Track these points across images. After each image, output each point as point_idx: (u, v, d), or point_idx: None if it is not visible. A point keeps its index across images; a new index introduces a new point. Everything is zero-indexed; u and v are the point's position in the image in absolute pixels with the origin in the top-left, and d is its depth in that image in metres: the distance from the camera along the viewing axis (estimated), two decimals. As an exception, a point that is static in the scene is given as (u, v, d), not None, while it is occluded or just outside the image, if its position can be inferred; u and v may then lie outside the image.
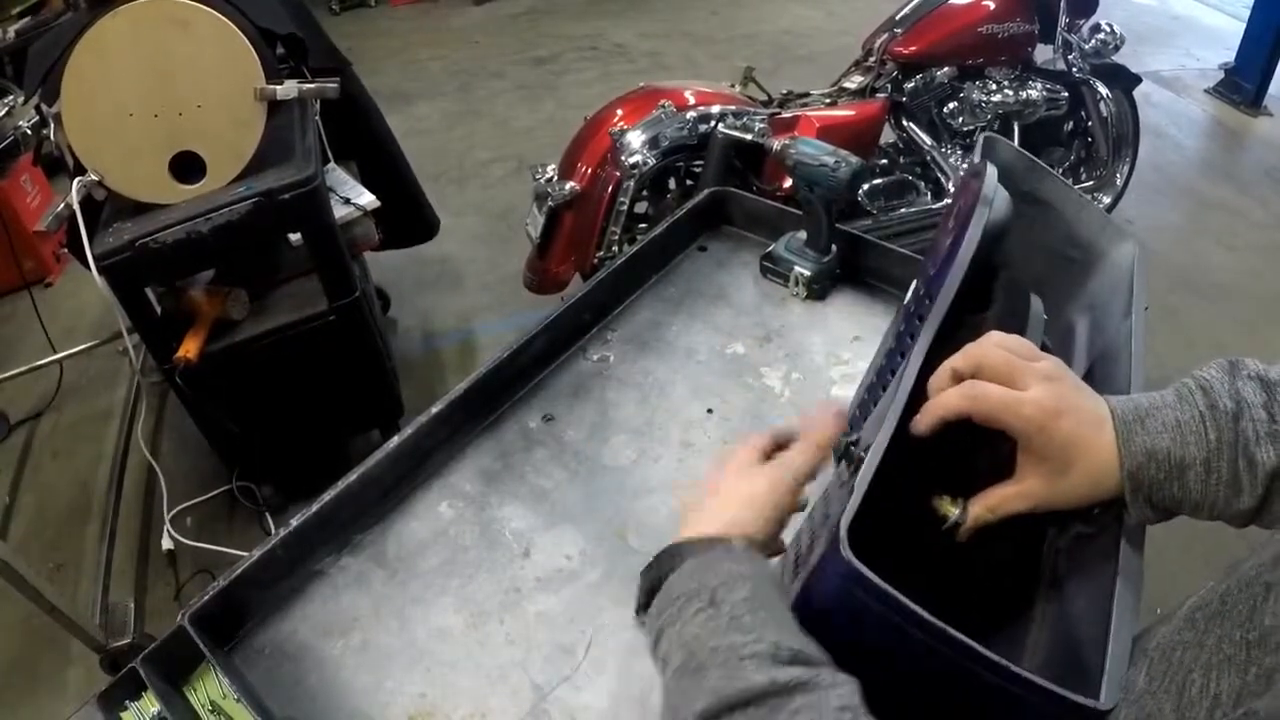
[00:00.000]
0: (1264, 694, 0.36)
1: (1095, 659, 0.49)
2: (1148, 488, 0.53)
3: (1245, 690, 0.37)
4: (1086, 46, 2.66)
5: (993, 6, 2.50)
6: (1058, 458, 0.55)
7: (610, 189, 2.14)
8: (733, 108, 2.23)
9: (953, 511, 0.58)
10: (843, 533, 0.47)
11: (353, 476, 0.88)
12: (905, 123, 2.56)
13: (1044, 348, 0.65)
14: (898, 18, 2.54)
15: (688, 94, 2.24)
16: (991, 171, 0.66)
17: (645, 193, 2.25)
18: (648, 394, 1.05)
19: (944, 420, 0.56)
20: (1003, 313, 0.65)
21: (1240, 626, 0.39)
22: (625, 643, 0.79)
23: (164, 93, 1.52)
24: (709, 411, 1.03)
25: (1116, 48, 2.67)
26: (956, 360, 0.58)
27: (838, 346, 1.12)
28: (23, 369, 2.36)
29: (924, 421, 0.57)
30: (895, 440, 0.54)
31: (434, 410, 0.95)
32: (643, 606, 0.57)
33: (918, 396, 0.58)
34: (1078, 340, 0.82)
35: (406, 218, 2.34)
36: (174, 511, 2.08)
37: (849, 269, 1.21)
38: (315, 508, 0.85)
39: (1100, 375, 0.74)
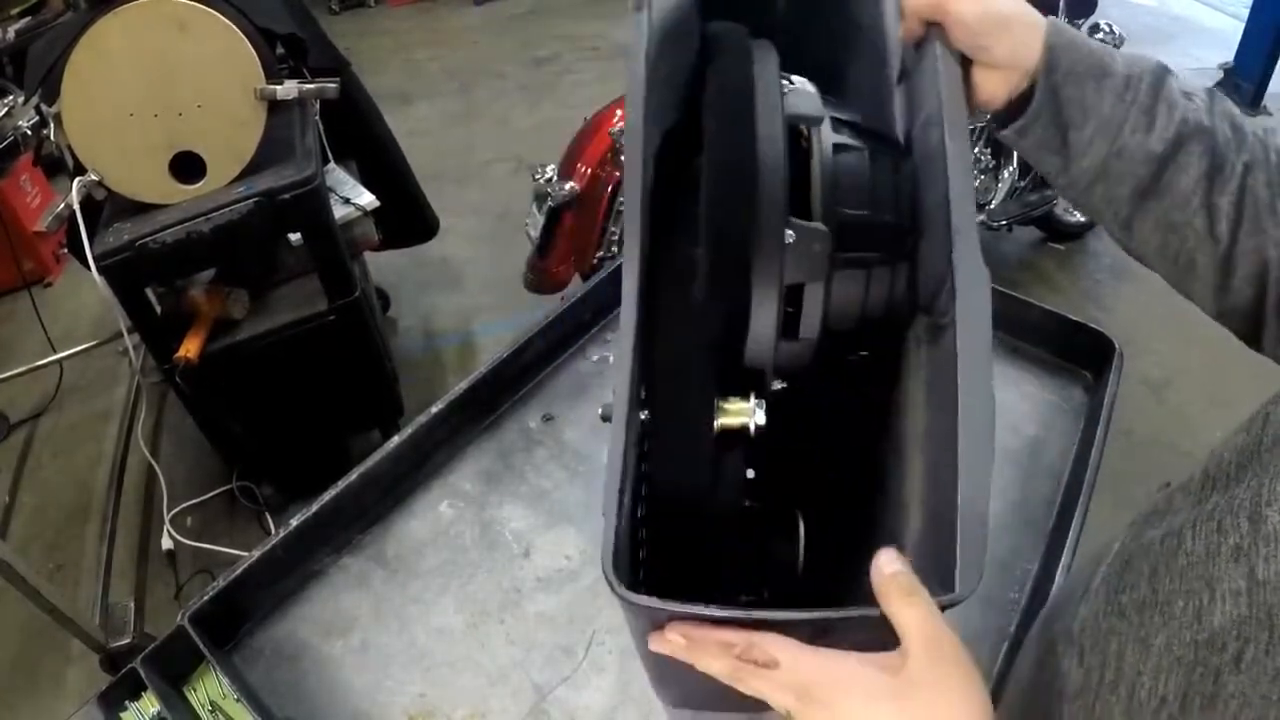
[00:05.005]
0: (1214, 697, 0.35)
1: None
2: (1064, 72, 0.50)
3: (1191, 689, 0.37)
4: (1086, 46, 2.66)
5: (992, 6, 2.50)
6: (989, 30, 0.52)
7: (610, 189, 2.14)
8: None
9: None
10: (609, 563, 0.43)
11: (353, 476, 0.88)
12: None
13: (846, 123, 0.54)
14: (897, 17, 2.54)
15: (688, 94, 2.24)
16: None
17: (645, 193, 2.25)
18: (648, 394, 1.05)
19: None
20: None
21: (1189, 627, 0.38)
22: (625, 643, 0.79)
23: (164, 93, 1.52)
24: (709, 411, 1.02)
25: (1116, 47, 2.66)
26: None
27: (837, 346, 1.12)
28: (23, 369, 2.36)
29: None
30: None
31: (434, 410, 0.95)
32: None
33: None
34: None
35: (406, 218, 2.34)
36: (174, 511, 2.08)
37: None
38: (315, 508, 0.85)
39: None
